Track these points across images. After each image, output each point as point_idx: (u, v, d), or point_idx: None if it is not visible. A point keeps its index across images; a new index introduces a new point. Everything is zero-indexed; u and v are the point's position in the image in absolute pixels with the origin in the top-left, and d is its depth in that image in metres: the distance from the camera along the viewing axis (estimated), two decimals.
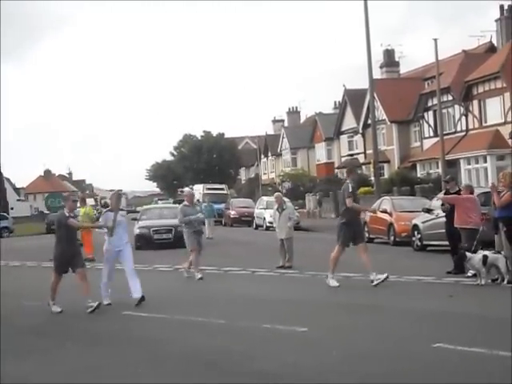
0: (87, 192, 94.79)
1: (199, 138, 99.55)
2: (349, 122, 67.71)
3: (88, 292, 14.21)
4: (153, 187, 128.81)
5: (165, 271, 22.44)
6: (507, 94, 45.15)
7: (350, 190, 17.04)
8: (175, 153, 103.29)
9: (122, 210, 15.69)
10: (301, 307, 13.79)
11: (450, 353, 9.47)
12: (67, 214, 14.47)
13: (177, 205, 34.98)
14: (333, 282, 16.83)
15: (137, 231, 32.63)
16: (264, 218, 45.47)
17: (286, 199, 22.93)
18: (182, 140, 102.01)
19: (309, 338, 10.87)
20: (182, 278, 19.99)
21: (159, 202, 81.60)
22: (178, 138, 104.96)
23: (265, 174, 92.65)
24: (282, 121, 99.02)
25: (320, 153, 76.28)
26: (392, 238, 29.77)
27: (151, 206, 45.06)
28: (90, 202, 50.79)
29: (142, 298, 14.65)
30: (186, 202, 20.88)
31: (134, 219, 34.85)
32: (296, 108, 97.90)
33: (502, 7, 53.86)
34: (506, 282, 15.96)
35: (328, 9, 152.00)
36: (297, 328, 11.37)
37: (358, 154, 66.26)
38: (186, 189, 23.74)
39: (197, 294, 16.56)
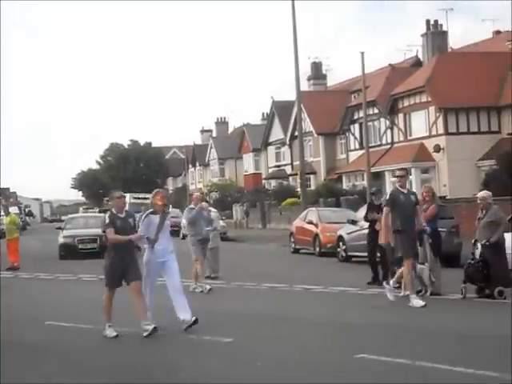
0: (11, 200, 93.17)
1: (126, 146, 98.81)
2: (276, 133, 68.09)
3: (144, 312, 12.03)
4: (78, 196, 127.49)
5: (90, 281, 22.16)
6: (432, 108, 45.94)
7: (387, 198, 15.72)
8: (101, 162, 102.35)
9: (167, 211, 12.89)
10: (226, 318, 13.75)
11: (373, 363, 9.53)
12: (106, 220, 12.27)
13: (102, 214, 34.58)
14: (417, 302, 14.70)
15: (61, 240, 32.32)
16: None
17: (212, 209, 22.87)
18: (109, 149, 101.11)
19: (234, 348, 10.84)
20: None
21: (85, 211, 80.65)
22: (104, 147, 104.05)
23: (192, 184, 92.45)
24: (210, 131, 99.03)
25: (248, 163, 76.51)
26: (318, 248, 29.98)
27: (76, 215, 44.58)
28: (14, 210, 50.01)
29: (196, 321, 12.26)
30: (192, 205, 19.83)
31: (59, 228, 34.51)
32: (224, 118, 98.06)
33: (428, 22, 54.84)
34: (428, 293, 16.20)
35: (257, 20, 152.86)
36: (222, 339, 11.34)
37: (286, 165, 66.64)
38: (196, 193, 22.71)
39: (120, 305, 16.36)
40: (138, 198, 61.27)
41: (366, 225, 20.47)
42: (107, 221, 12.17)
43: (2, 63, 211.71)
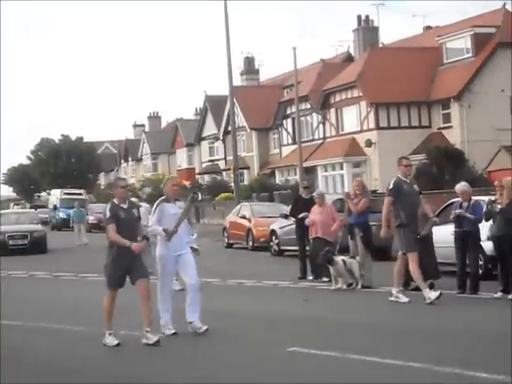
0: None
1: (57, 141, 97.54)
2: (210, 128, 68.01)
3: (148, 315, 10.82)
4: (10, 192, 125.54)
5: (20, 278, 21.87)
6: (363, 103, 46.35)
7: (390, 187, 14.31)
8: (32, 157, 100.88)
9: (178, 199, 11.75)
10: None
11: (305, 356, 9.60)
12: (107, 214, 10.82)
13: (33, 210, 34.17)
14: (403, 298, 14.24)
15: None
16: None
17: (142, 204, 22.70)
18: (39, 144, 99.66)
19: (163, 344, 10.76)
20: (37, 284, 19.50)
21: (15, 207, 79.53)
22: (35, 142, 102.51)
23: (125, 179, 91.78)
24: (143, 126, 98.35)
25: (181, 158, 76.26)
26: (251, 243, 30.07)
27: (7, 211, 43.94)
28: None
29: (206, 330, 11.33)
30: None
31: None
32: (157, 113, 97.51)
33: (359, 17, 55.34)
34: (359, 286, 16.38)
35: (189, 14, 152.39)
36: (153, 336, 11.26)
37: (219, 160, 66.61)
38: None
39: (52, 302, 16.21)
40: (70, 194, 60.74)
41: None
42: (108, 214, 10.76)
43: None
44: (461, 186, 15.91)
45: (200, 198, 12.35)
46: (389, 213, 14.14)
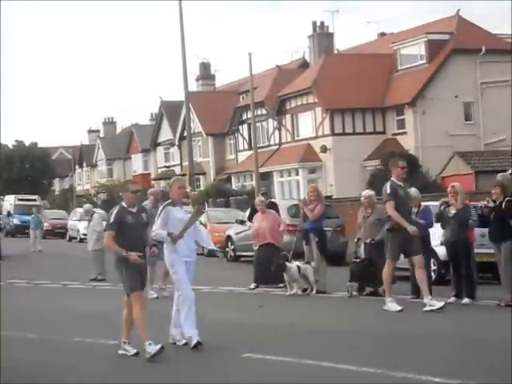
0: None
1: (11, 147, 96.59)
2: (165, 133, 67.81)
3: (144, 326, 10.10)
4: None
5: None
6: (318, 109, 46.54)
7: (389, 192, 13.70)
8: None
9: (186, 203, 11.19)
10: (113, 320, 13.58)
11: (260, 362, 9.60)
12: (110, 219, 10.35)
13: None
14: (393, 306, 13.74)
15: None
16: (78, 230, 44.68)
17: (96, 210, 22.55)
18: None
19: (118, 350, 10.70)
20: None
21: None
22: None
23: (79, 184, 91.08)
24: (98, 131, 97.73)
25: (136, 164, 75.90)
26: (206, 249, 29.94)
27: None
28: None
29: (198, 343, 10.50)
30: (147, 202, 16.92)
31: None
32: (112, 118, 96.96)
33: (314, 24, 55.59)
34: (314, 291, 16.44)
35: (144, 18, 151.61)
36: (108, 341, 11.20)
37: (175, 165, 66.40)
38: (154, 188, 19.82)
39: (7, 309, 16.00)
40: (24, 200, 60.12)
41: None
42: (111, 220, 10.26)
43: None
44: (410, 192, 16.06)
45: (206, 208, 12.19)
46: (398, 215, 13.50)
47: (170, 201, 10.86)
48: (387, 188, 13.57)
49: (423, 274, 13.68)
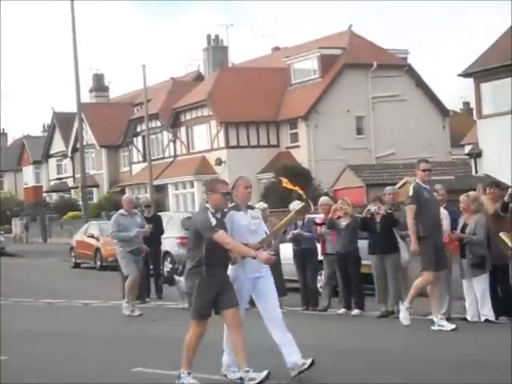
0: None
1: None
2: (58, 145, 66.81)
3: (242, 355, 8.71)
4: None
5: None
6: (213, 122, 46.65)
7: (411, 194, 12.28)
8: None
9: (251, 207, 9.30)
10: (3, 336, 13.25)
11: (149, 376, 9.49)
12: (213, 222, 8.47)
13: None
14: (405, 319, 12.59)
15: None
16: None
17: None
18: None
19: (9, 366, 10.42)
20: None
21: None
22: None
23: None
24: None
25: (28, 176, 74.50)
26: (99, 262, 29.62)
27: None
28: None
29: (312, 362, 8.87)
30: (122, 211, 16.14)
31: None
32: (3, 130, 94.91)
33: (209, 37, 55.76)
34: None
35: (36, 29, 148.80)
36: None
37: (67, 177, 65.48)
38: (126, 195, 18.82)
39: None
40: None
41: None
42: (213, 222, 8.43)
43: None
44: (293, 205, 16.19)
45: (312, 208, 10.01)
46: (415, 224, 12.15)
47: (233, 204, 9.02)
48: (410, 190, 12.29)
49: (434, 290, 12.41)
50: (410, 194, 12.18)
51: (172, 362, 10.36)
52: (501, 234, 8.10)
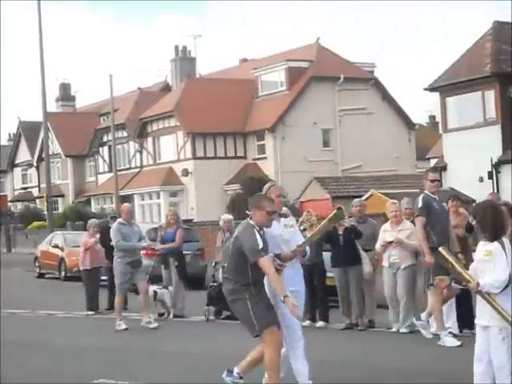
0: None
1: None
2: (23, 154, 66.37)
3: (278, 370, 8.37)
4: None
5: None
6: (180, 133, 46.59)
7: (420, 205, 11.90)
8: None
9: (285, 215, 9.01)
10: None
11: None
12: (260, 245, 8.19)
13: None
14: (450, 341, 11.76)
15: None
16: None
17: None
18: None
19: None
20: None
21: None
22: None
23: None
24: None
25: None
26: (63, 273, 29.40)
27: None
28: None
29: None
30: (121, 220, 15.52)
31: None
32: None
33: (177, 48, 55.73)
34: (171, 316, 16.30)
35: (2, 36, 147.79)
36: None
37: (33, 187, 65.02)
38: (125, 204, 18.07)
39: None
40: None
41: None
42: (260, 245, 8.19)
43: None
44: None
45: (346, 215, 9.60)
46: (425, 236, 11.72)
47: (281, 213, 8.79)
48: (419, 201, 11.87)
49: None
50: (420, 205, 11.82)
51: (134, 373, 10.34)
52: (440, 249, 8.10)
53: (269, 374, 8.25)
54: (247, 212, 8.43)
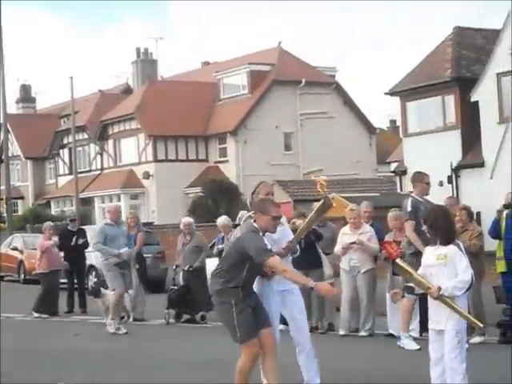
0: None
1: None
2: None
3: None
4: None
5: None
6: (142, 135, 46.42)
7: (409, 209, 11.68)
8: None
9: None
10: None
11: None
12: (268, 245, 7.96)
13: None
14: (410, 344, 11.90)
15: None
16: None
17: None
18: None
19: None
20: None
21: None
22: None
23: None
24: None
25: None
26: (22, 275, 29.17)
27: None
28: None
29: None
30: (108, 220, 15.22)
31: None
32: None
33: (138, 50, 55.52)
34: (131, 319, 16.21)
35: None
36: None
37: None
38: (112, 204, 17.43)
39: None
40: None
41: None
42: (268, 245, 7.98)
43: None
44: (221, 220, 16.19)
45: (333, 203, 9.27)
46: (417, 238, 11.26)
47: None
48: (408, 205, 11.68)
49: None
50: (409, 209, 11.65)
51: (92, 375, 10.28)
52: (397, 261, 8.16)
53: (236, 377, 8.09)
54: (251, 215, 8.22)
